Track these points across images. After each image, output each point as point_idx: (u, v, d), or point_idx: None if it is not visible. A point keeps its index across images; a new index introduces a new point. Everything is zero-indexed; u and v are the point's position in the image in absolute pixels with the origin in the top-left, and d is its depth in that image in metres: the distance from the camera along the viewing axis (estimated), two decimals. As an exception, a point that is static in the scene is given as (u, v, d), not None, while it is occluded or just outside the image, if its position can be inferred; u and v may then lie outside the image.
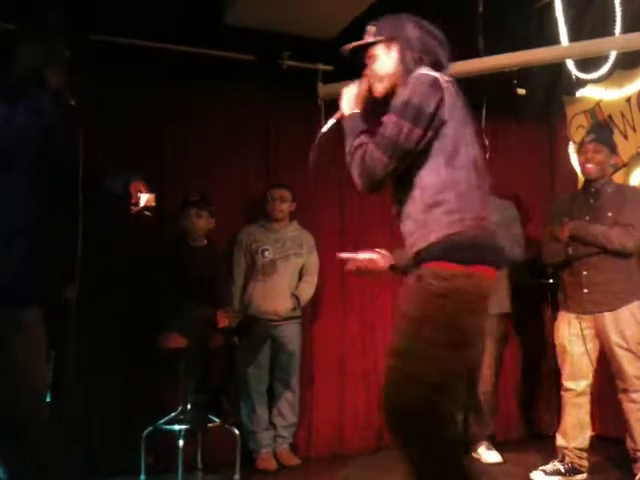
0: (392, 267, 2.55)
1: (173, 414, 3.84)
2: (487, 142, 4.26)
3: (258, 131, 4.69)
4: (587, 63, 4.50)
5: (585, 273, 3.63)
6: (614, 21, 4.14)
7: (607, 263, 3.59)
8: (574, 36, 4.22)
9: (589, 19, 4.24)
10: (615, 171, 4.29)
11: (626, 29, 4.09)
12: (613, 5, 4.20)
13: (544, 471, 3.68)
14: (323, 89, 4.54)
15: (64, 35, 2.38)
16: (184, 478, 3.69)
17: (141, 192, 2.38)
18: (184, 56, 4.19)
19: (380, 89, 2.25)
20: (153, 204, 2.40)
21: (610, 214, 3.62)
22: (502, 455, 4.22)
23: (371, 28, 2.28)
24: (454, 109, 2.08)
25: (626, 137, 4.61)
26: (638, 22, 4.02)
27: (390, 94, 2.21)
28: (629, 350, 3.53)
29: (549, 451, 3.81)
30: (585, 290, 3.62)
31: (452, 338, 1.99)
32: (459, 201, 2.04)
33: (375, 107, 2.26)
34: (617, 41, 4.12)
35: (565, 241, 3.65)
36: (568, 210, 3.78)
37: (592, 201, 3.72)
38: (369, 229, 4.87)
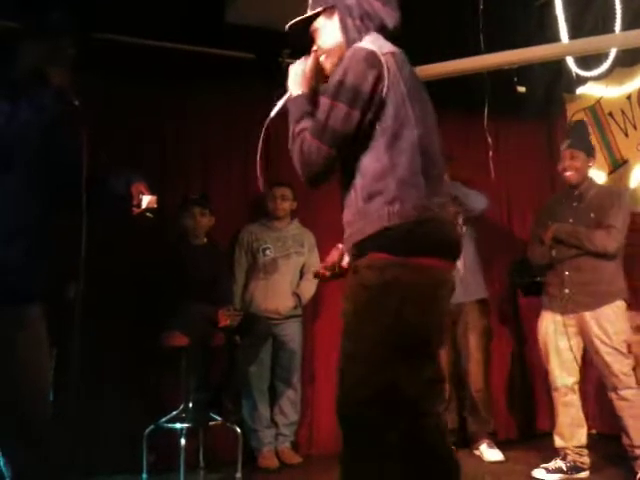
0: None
1: (175, 412, 3.84)
2: (490, 140, 4.27)
3: (258, 129, 4.67)
4: (587, 60, 4.50)
5: (567, 274, 3.68)
6: (614, 18, 4.13)
7: (589, 264, 3.64)
8: (574, 33, 4.21)
9: (589, 16, 4.23)
10: (616, 169, 4.30)
11: (626, 26, 4.08)
12: (613, 2, 4.19)
13: (546, 469, 3.69)
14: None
15: (67, 34, 2.37)
16: (186, 476, 3.68)
17: (143, 194, 2.38)
18: (184, 54, 4.18)
19: (328, 65, 2.05)
20: (155, 206, 2.40)
21: (593, 215, 3.68)
22: (503, 453, 4.23)
23: (309, 1, 2.07)
24: (396, 85, 1.88)
25: (627, 134, 4.61)
26: (638, 19, 4.02)
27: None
28: (613, 347, 3.55)
29: (551, 449, 3.81)
30: (567, 290, 3.67)
31: (393, 333, 1.84)
32: (400, 188, 1.86)
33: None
34: (617, 38, 4.12)
35: (549, 243, 3.70)
36: (552, 213, 3.84)
37: (575, 204, 3.78)
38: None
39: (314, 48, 2.08)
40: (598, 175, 4.55)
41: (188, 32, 4.14)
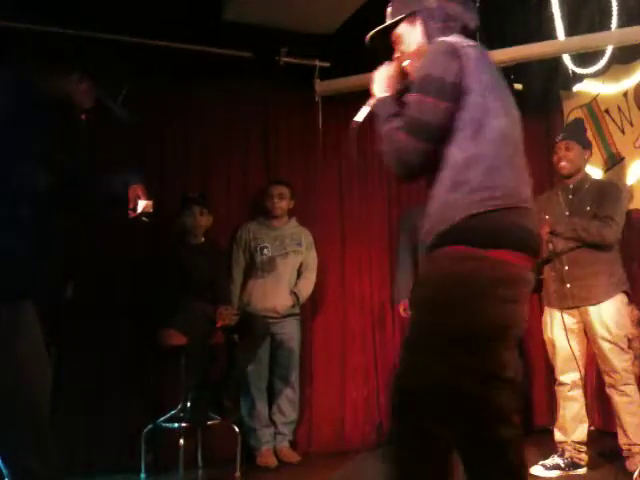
0: None
1: (173, 412, 3.85)
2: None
3: (256, 127, 4.69)
4: (584, 57, 4.49)
5: (566, 268, 3.66)
6: (610, 15, 4.13)
7: (588, 257, 3.62)
8: (571, 31, 4.22)
9: (586, 14, 4.23)
10: (612, 165, 4.31)
11: (622, 23, 4.09)
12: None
13: (544, 466, 3.69)
14: (320, 85, 4.54)
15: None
16: (185, 475, 3.69)
17: (139, 198, 2.38)
18: (182, 53, 4.18)
19: (412, 69, 2.07)
20: (150, 210, 2.39)
21: (589, 208, 3.67)
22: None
23: (388, 9, 2.13)
24: (477, 76, 1.92)
25: (623, 131, 4.62)
26: (634, 16, 4.02)
27: None
28: (614, 343, 3.55)
29: (549, 446, 3.82)
30: (567, 285, 3.65)
31: (464, 326, 1.81)
32: (486, 178, 1.86)
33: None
34: (614, 35, 4.12)
35: (546, 238, 3.68)
36: (547, 207, 3.81)
37: (571, 196, 3.77)
38: (368, 225, 4.89)
39: (397, 54, 2.13)
40: (595, 172, 4.55)
41: (186, 30, 4.13)
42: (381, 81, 2.10)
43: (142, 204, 2.37)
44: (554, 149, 3.87)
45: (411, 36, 2.09)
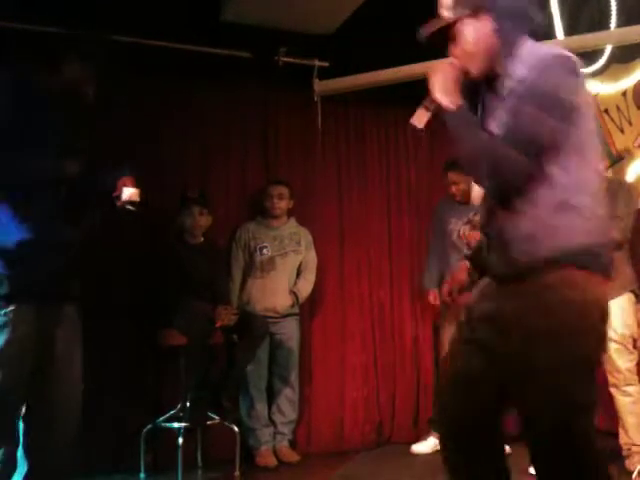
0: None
1: (173, 412, 3.84)
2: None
3: (255, 127, 4.69)
4: (583, 57, 4.47)
5: None
6: (610, 15, 4.14)
7: None
8: (570, 30, 4.22)
9: (585, 13, 4.24)
10: (612, 165, 4.31)
11: (621, 23, 4.09)
12: (609, -1, 4.20)
13: (543, 465, 3.69)
14: (319, 85, 4.54)
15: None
16: (184, 476, 3.68)
17: (126, 186, 2.38)
18: (181, 53, 4.18)
19: (475, 69, 1.91)
20: (136, 199, 2.38)
21: None
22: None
23: (446, 1, 1.91)
24: (586, 95, 1.84)
25: (622, 131, 4.62)
26: (633, 16, 4.02)
27: (488, 72, 1.91)
28: (620, 343, 3.54)
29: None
30: None
31: (594, 350, 1.83)
32: (594, 205, 1.81)
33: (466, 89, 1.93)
34: (613, 35, 4.12)
35: None
36: None
37: None
38: (368, 224, 4.89)
39: (455, 52, 1.94)
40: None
41: (185, 31, 4.13)
42: (445, 87, 1.90)
43: (127, 192, 2.36)
44: None
45: (475, 34, 1.89)
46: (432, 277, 4.53)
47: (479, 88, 1.98)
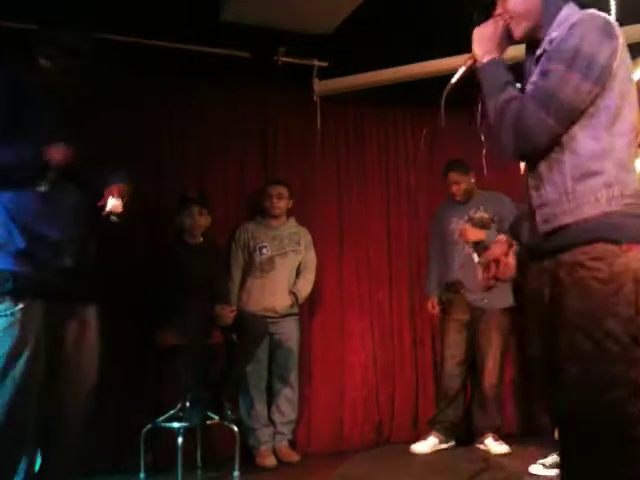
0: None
1: (172, 411, 3.84)
2: (484, 138, 4.25)
3: (254, 127, 4.69)
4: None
5: None
6: (609, 14, 4.13)
7: None
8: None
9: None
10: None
11: (621, 22, 4.08)
12: (608, -2, 4.20)
13: (543, 465, 3.69)
14: (319, 85, 4.54)
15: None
16: (184, 475, 3.68)
17: (113, 196, 2.38)
18: (180, 53, 4.17)
19: (520, 30, 1.89)
20: (119, 210, 2.39)
21: None
22: (504, 448, 4.28)
23: None
24: (625, 60, 1.77)
25: (622, 130, 4.61)
26: (633, 14, 4.02)
27: (531, 36, 1.89)
28: None
29: (549, 445, 3.82)
30: None
31: (634, 324, 1.70)
32: (619, 172, 1.73)
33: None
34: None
35: None
36: None
37: None
38: (367, 225, 4.89)
39: (499, 11, 1.92)
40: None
41: (184, 30, 4.13)
42: (484, 40, 1.88)
43: (111, 203, 2.37)
44: None
45: None
46: (432, 284, 4.57)
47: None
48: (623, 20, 4.05)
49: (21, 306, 2.24)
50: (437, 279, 4.54)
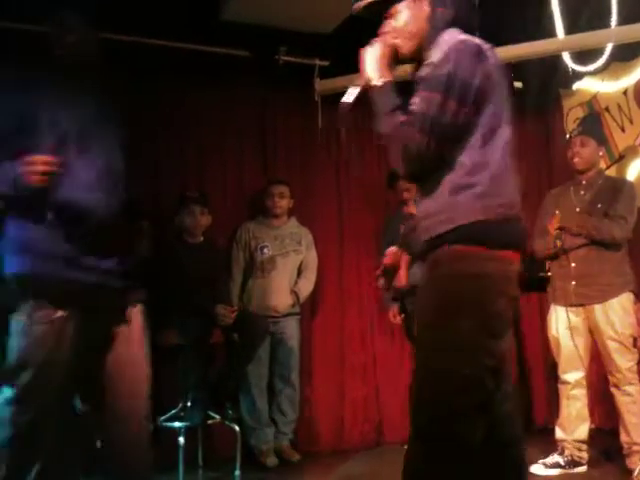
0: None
1: (173, 411, 3.84)
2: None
3: (255, 127, 4.69)
4: (583, 55, 4.49)
5: (573, 265, 3.62)
6: (610, 13, 4.12)
7: (595, 255, 3.59)
8: (570, 29, 4.21)
9: (585, 11, 4.22)
10: (612, 163, 4.30)
11: (622, 21, 4.08)
12: (609, -3, 4.19)
13: (544, 464, 3.68)
14: (320, 84, 4.53)
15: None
16: (185, 475, 3.68)
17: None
18: (180, 52, 4.18)
19: (406, 48, 1.99)
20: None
21: (600, 206, 3.62)
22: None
23: None
24: (497, 82, 1.89)
25: (623, 129, 4.61)
26: (634, 14, 4.01)
27: (415, 57, 2.00)
28: (620, 342, 3.54)
29: (549, 444, 3.82)
30: (573, 282, 3.62)
31: (482, 324, 1.82)
32: (492, 184, 1.86)
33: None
34: (613, 33, 4.11)
35: (554, 233, 3.65)
36: (558, 202, 3.77)
37: (582, 192, 3.73)
38: (367, 225, 4.88)
39: (386, 29, 2.01)
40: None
41: (184, 30, 4.13)
42: (373, 61, 1.98)
43: None
44: (569, 144, 3.81)
45: (412, 16, 1.97)
46: (388, 294, 4.33)
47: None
48: (623, 20, 4.06)
49: (60, 314, 2.18)
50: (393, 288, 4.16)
